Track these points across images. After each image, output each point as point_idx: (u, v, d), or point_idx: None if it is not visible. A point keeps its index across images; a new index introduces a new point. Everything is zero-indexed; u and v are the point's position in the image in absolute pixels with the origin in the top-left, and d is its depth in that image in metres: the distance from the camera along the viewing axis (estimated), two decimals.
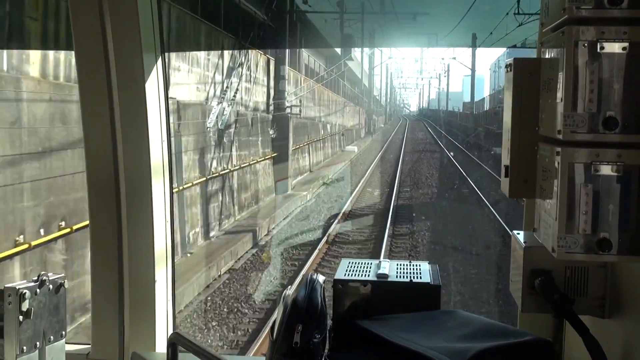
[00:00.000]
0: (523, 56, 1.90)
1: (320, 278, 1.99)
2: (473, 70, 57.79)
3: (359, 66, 67.99)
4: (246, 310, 12.57)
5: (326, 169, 33.09)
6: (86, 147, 2.70)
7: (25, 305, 2.01)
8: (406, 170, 33.53)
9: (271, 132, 25.21)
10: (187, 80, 17.61)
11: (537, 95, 1.78)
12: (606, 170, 1.54)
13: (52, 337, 2.12)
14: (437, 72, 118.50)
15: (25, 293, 2.00)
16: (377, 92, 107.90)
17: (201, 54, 18.90)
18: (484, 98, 70.56)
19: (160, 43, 2.70)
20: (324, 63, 48.18)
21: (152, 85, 2.65)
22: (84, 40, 2.61)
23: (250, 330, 11.56)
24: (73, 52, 2.64)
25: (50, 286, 2.10)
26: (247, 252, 16.78)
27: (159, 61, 2.69)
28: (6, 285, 2.01)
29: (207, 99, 19.07)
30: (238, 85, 21.14)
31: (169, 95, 2.89)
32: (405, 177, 30.55)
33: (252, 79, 23.69)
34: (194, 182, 16.89)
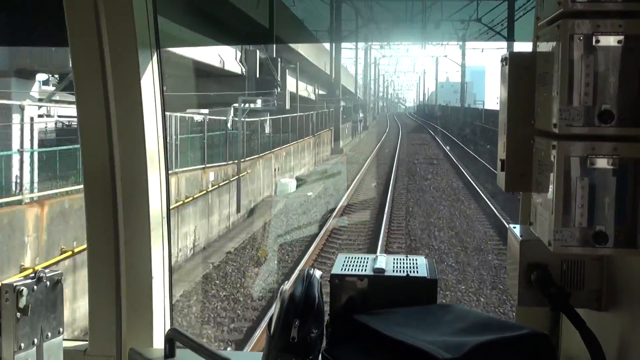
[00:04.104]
0: None
1: (317, 273, 1.99)
2: None
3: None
4: None
5: None
6: (82, 143, 2.69)
7: (22, 302, 2.00)
8: None
9: None
10: None
11: (533, 89, 1.78)
12: (602, 163, 1.55)
13: (49, 333, 2.12)
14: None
15: (22, 290, 2.00)
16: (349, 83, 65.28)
17: None
18: None
19: (155, 39, 2.69)
20: None
21: (148, 81, 2.64)
22: (79, 35, 2.61)
23: None
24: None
25: (48, 283, 2.10)
26: None
27: (155, 57, 2.69)
28: (3, 282, 2.01)
29: None
30: None
31: None
32: None
33: None
34: None
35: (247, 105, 29.24)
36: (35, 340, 2.07)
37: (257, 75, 30.14)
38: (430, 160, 38.43)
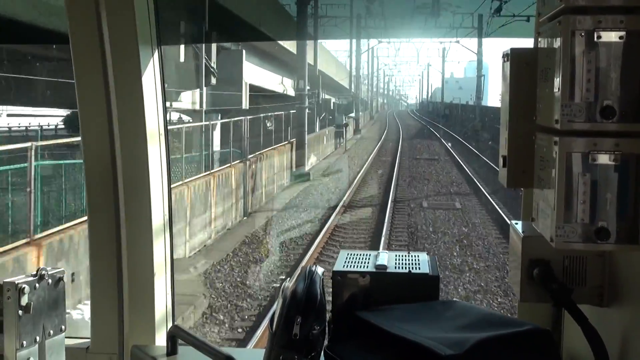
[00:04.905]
0: None
1: (319, 270, 2.00)
2: None
3: None
4: None
5: None
6: (83, 141, 2.69)
7: (24, 300, 2.01)
8: None
9: None
10: None
11: (535, 85, 1.78)
12: (604, 159, 1.54)
13: (51, 331, 2.12)
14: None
15: (24, 288, 2.00)
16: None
17: None
18: None
19: (156, 36, 2.69)
20: None
21: (149, 79, 2.64)
22: (80, 33, 2.60)
23: None
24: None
25: (50, 280, 2.10)
26: None
27: (156, 54, 2.68)
28: (5, 280, 2.01)
29: None
30: None
31: None
32: None
33: None
34: None
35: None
36: (38, 338, 2.07)
37: (182, 60, 19.11)
38: (451, 203, 21.92)
